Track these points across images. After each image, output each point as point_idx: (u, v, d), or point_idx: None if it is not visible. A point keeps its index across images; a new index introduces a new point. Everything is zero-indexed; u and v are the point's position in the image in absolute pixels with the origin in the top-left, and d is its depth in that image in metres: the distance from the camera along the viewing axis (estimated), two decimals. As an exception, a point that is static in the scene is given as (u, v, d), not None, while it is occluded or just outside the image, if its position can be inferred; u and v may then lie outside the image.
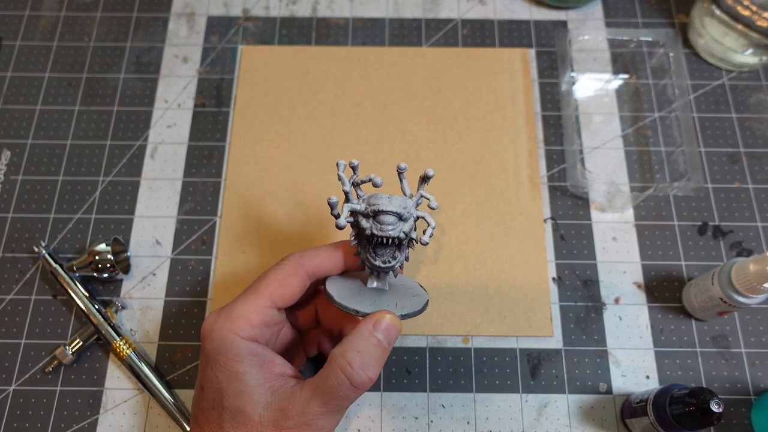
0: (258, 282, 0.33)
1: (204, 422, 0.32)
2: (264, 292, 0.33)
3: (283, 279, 0.33)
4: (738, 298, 0.39)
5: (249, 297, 0.33)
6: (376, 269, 0.34)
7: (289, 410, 0.30)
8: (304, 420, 0.30)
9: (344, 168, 0.34)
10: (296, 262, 0.34)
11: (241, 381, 0.31)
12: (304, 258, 0.34)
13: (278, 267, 0.34)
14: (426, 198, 0.34)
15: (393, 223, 0.32)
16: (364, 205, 0.32)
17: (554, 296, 0.46)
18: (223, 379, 0.31)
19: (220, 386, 0.31)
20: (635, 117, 0.52)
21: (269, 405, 0.31)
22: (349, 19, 0.56)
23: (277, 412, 0.30)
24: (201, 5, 0.57)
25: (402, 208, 0.32)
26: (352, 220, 0.33)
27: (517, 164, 0.50)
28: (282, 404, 0.31)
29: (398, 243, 0.32)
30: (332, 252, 0.35)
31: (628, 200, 0.48)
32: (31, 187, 0.49)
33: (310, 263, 0.34)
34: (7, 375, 0.43)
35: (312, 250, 0.35)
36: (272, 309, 0.33)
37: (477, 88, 0.53)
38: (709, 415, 0.34)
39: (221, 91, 0.53)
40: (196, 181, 0.50)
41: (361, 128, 0.51)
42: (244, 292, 0.33)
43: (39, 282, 0.46)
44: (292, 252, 0.35)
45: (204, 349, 0.33)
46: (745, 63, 0.53)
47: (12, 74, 0.54)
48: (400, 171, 0.33)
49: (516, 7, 0.57)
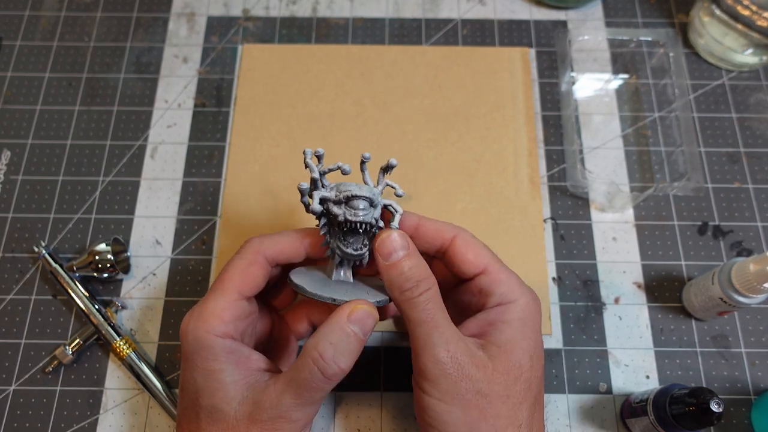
0: (222, 276, 0.33)
1: (184, 422, 0.32)
2: (228, 286, 0.32)
3: (244, 269, 0.33)
4: (738, 298, 0.39)
5: (216, 293, 0.32)
6: (347, 257, 0.34)
7: (263, 403, 0.30)
8: (278, 412, 0.30)
9: (311, 156, 0.33)
10: (255, 249, 0.33)
11: (217, 379, 0.31)
12: (264, 245, 0.34)
13: (238, 257, 0.33)
14: (392, 186, 0.34)
15: (365, 208, 0.32)
16: (335, 192, 0.32)
17: (554, 296, 0.46)
18: (199, 378, 0.31)
19: (196, 386, 0.31)
20: (635, 117, 0.52)
21: (245, 399, 0.31)
22: (349, 19, 0.56)
23: (252, 405, 0.30)
24: (201, 5, 0.57)
25: (372, 194, 0.32)
26: (321, 208, 0.33)
27: (517, 164, 0.50)
28: (257, 397, 0.30)
29: (369, 230, 0.32)
30: (294, 238, 0.34)
31: (628, 200, 0.48)
32: (31, 187, 0.49)
33: (270, 250, 0.33)
34: (7, 375, 0.43)
35: (272, 236, 0.34)
36: (241, 301, 0.32)
37: (477, 86, 0.53)
38: (709, 415, 0.34)
39: (221, 91, 0.53)
40: (196, 181, 0.50)
41: (362, 126, 0.51)
42: (211, 288, 0.33)
43: (39, 282, 0.46)
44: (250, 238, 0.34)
45: (182, 351, 0.33)
46: (745, 63, 0.53)
47: (12, 74, 0.54)
48: (364, 160, 0.33)
49: (516, 7, 0.57)
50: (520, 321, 0.32)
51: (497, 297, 0.33)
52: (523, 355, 0.31)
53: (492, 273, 0.33)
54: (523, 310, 0.32)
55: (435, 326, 0.30)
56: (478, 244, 0.34)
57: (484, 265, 0.33)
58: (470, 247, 0.34)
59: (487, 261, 0.34)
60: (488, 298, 0.33)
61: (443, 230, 0.34)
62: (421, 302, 0.30)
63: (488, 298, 0.33)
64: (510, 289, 0.33)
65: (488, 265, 0.33)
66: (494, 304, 0.33)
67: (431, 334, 0.30)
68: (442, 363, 0.30)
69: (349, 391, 0.43)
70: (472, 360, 0.30)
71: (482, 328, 0.32)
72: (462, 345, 0.30)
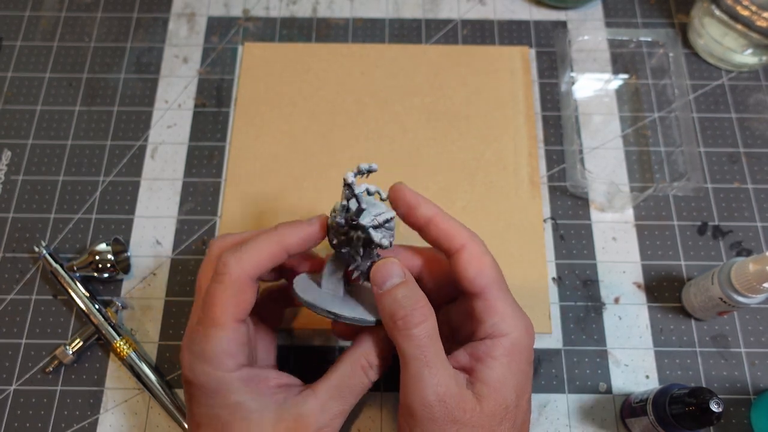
0: (207, 307, 0.30)
1: None
2: (224, 319, 0.30)
3: (235, 297, 0.30)
4: (738, 298, 0.39)
5: (211, 330, 0.30)
6: (365, 271, 0.34)
7: (307, 416, 0.30)
8: (325, 420, 0.30)
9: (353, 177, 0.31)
10: (238, 273, 0.30)
11: (243, 410, 0.30)
12: (244, 263, 0.30)
13: (220, 284, 0.30)
14: (378, 192, 0.33)
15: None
16: (370, 218, 0.32)
17: (554, 296, 0.46)
18: (224, 414, 0.30)
19: (221, 421, 0.30)
20: (635, 117, 0.52)
21: (280, 419, 0.30)
22: (349, 19, 0.56)
23: (293, 421, 0.30)
24: (201, 5, 0.57)
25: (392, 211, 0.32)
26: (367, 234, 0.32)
27: (517, 163, 0.50)
28: (297, 411, 0.30)
29: None
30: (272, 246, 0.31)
31: (628, 200, 0.48)
32: (31, 187, 0.49)
33: (253, 269, 0.31)
34: (8, 375, 0.43)
35: (247, 248, 0.31)
36: (240, 327, 0.31)
37: (477, 85, 0.53)
38: (709, 415, 0.34)
39: (221, 91, 0.53)
40: (196, 181, 0.50)
41: (362, 125, 0.51)
42: (202, 318, 0.31)
43: (39, 282, 0.46)
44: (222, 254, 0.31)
45: (191, 390, 0.31)
46: (745, 63, 0.53)
47: (12, 74, 0.54)
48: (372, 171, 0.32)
49: (516, 8, 0.57)
50: (509, 358, 0.31)
51: (488, 327, 0.31)
52: (509, 393, 0.30)
53: (488, 299, 0.32)
54: (513, 345, 0.31)
55: (426, 363, 0.29)
56: (484, 260, 0.32)
57: (482, 287, 0.32)
58: (474, 263, 0.32)
59: (486, 283, 0.32)
60: (479, 325, 0.32)
61: (454, 235, 0.32)
62: (414, 335, 0.29)
63: (479, 325, 0.32)
64: (503, 320, 0.31)
65: (486, 289, 0.32)
66: (484, 335, 0.31)
67: (422, 372, 0.29)
68: (430, 406, 0.29)
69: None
70: (460, 403, 0.29)
71: (471, 362, 0.31)
72: (452, 385, 0.30)
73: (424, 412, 0.29)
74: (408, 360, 0.30)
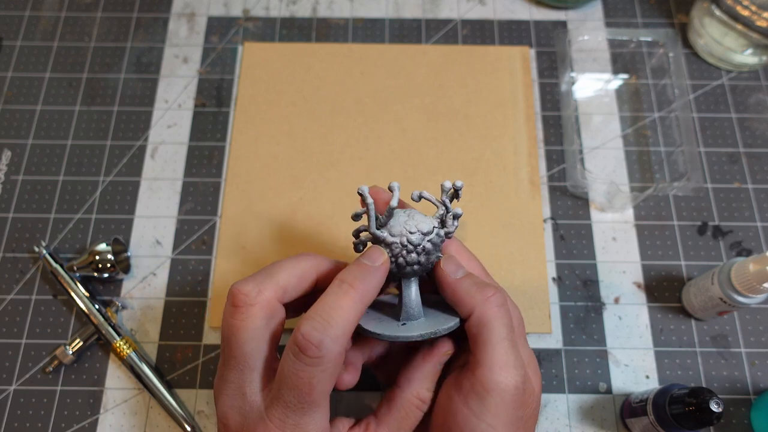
0: (309, 393, 0.27)
1: None
2: (321, 400, 0.28)
3: (332, 376, 0.27)
4: (738, 298, 0.39)
5: (316, 411, 0.28)
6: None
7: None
8: None
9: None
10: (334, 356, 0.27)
11: None
12: (338, 342, 0.27)
13: (316, 370, 0.27)
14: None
15: None
16: None
17: (554, 296, 0.46)
18: None
19: None
20: (635, 117, 0.52)
21: None
22: (349, 19, 0.56)
23: None
24: (201, 5, 0.57)
25: None
26: None
27: (517, 163, 0.50)
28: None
29: None
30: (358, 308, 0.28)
31: (628, 200, 0.48)
32: (31, 187, 0.49)
33: (346, 342, 0.28)
34: (8, 375, 0.44)
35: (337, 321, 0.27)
36: None
37: (477, 85, 0.53)
38: (709, 415, 0.34)
39: (221, 91, 0.53)
40: (196, 181, 0.50)
41: (362, 125, 0.51)
42: (295, 407, 0.27)
43: (39, 282, 0.46)
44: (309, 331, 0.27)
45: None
46: (745, 63, 0.53)
47: (12, 74, 0.54)
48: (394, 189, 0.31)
49: (516, 7, 0.57)
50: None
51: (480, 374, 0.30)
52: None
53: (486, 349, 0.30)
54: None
55: (514, 346, 0.28)
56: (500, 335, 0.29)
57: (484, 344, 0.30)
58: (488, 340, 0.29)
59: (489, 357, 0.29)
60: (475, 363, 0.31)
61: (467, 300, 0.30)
62: (505, 314, 0.29)
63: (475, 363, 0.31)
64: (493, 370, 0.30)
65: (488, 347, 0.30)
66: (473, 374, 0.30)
67: (513, 355, 0.28)
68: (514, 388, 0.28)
69: (349, 391, 0.43)
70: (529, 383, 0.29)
71: None
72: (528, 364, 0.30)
73: (508, 395, 0.28)
74: (492, 334, 0.28)
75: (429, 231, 0.30)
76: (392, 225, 0.30)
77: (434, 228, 0.31)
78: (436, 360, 0.31)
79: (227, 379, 0.29)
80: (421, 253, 0.30)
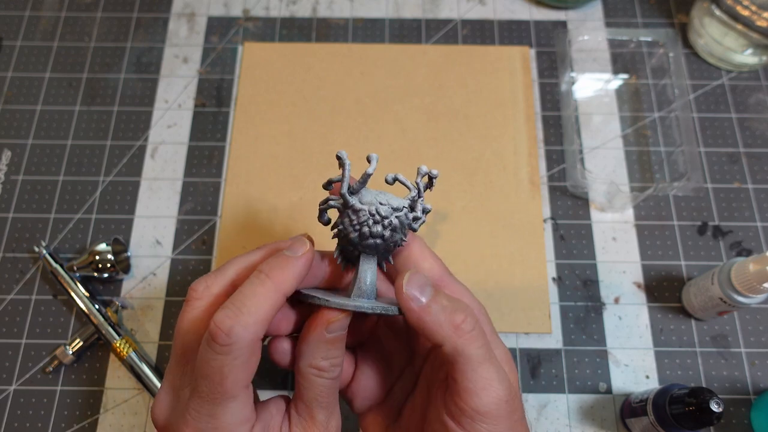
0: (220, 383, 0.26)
1: None
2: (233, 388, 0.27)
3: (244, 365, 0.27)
4: (738, 297, 0.39)
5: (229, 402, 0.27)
6: None
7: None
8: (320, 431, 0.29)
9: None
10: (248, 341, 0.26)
11: None
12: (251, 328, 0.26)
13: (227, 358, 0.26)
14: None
15: None
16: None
17: (554, 296, 0.46)
18: None
19: None
20: (635, 117, 0.52)
21: None
22: (349, 19, 0.56)
23: None
24: (201, 5, 0.57)
25: None
26: None
27: (517, 163, 0.50)
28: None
29: None
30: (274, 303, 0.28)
31: (628, 200, 0.48)
32: (31, 187, 0.49)
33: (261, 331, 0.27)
34: (8, 375, 0.44)
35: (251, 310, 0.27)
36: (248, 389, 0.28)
37: (477, 85, 0.53)
38: (709, 415, 0.34)
39: (221, 91, 0.53)
40: (196, 181, 0.50)
41: (362, 125, 0.51)
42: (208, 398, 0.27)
43: (39, 282, 0.46)
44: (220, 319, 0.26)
45: None
46: (745, 63, 0.53)
47: (13, 74, 0.54)
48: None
49: (516, 8, 0.57)
50: None
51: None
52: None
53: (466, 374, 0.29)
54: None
55: (491, 360, 0.28)
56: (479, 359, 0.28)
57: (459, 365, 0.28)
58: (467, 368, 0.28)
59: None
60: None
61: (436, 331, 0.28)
62: (476, 336, 0.28)
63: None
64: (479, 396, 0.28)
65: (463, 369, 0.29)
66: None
67: (489, 370, 0.27)
68: (506, 401, 0.27)
69: (349, 391, 0.43)
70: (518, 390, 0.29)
71: None
72: (511, 374, 0.29)
73: (500, 410, 0.27)
74: (470, 361, 0.27)
75: (399, 208, 0.30)
76: (364, 194, 0.30)
77: (404, 208, 0.30)
78: (321, 329, 0.28)
79: (166, 374, 0.30)
80: (387, 227, 0.29)
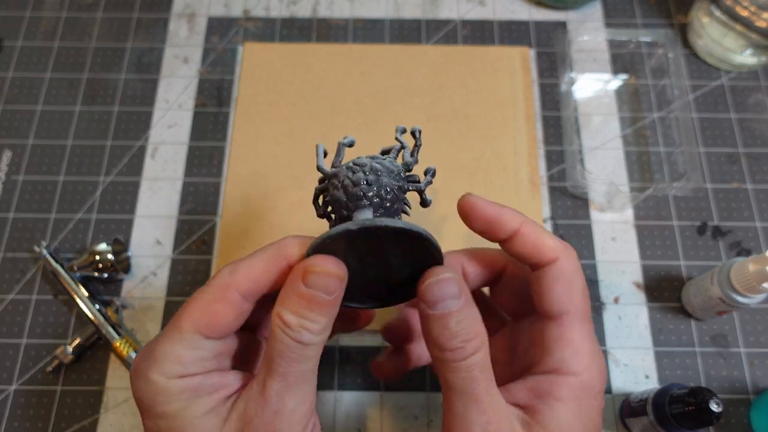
0: (180, 312, 0.26)
1: None
2: (185, 324, 0.26)
3: (206, 307, 0.26)
4: (737, 297, 0.39)
5: (170, 333, 0.26)
6: None
7: (249, 407, 0.25)
8: (271, 408, 0.25)
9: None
10: (224, 282, 0.26)
11: (183, 418, 0.25)
12: (236, 274, 0.26)
13: (202, 291, 0.27)
14: None
15: None
16: None
17: (554, 296, 0.46)
18: (163, 425, 0.25)
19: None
20: (634, 117, 0.52)
21: (229, 420, 0.25)
22: (349, 19, 0.56)
23: (241, 420, 0.25)
24: (201, 6, 0.57)
25: None
26: None
27: (517, 163, 0.50)
28: (241, 407, 0.25)
29: None
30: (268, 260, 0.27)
31: (628, 200, 0.48)
32: (32, 187, 0.50)
33: (244, 281, 0.26)
34: (8, 375, 0.44)
35: (247, 260, 0.27)
36: (204, 341, 0.26)
37: (477, 85, 0.53)
38: (709, 415, 0.34)
39: (222, 91, 0.53)
40: (196, 181, 0.50)
41: (362, 125, 0.51)
42: (168, 324, 0.27)
43: (40, 282, 0.46)
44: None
45: (135, 399, 0.26)
46: (744, 63, 0.53)
47: (13, 75, 0.54)
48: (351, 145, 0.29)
49: (515, 8, 0.57)
50: (577, 402, 0.26)
51: (556, 360, 0.26)
52: None
53: (564, 327, 0.27)
54: (583, 389, 0.26)
55: (475, 399, 0.25)
56: (574, 281, 0.27)
57: (562, 312, 0.27)
58: (563, 282, 0.27)
59: (568, 309, 0.27)
60: (546, 356, 0.27)
61: (544, 248, 0.27)
62: (462, 367, 0.25)
63: (546, 356, 0.27)
64: (575, 355, 0.26)
65: (566, 316, 0.27)
66: (549, 369, 0.26)
67: (469, 408, 0.25)
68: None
69: (349, 391, 0.43)
70: None
71: (530, 398, 0.26)
72: (504, 425, 0.25)
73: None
74: (453, 393, 0.25)
75: (375, 156, 0.27)
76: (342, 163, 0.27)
77: (385, 156, 0.28)
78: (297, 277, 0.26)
79: None
80: (369, 173, 0.27)
